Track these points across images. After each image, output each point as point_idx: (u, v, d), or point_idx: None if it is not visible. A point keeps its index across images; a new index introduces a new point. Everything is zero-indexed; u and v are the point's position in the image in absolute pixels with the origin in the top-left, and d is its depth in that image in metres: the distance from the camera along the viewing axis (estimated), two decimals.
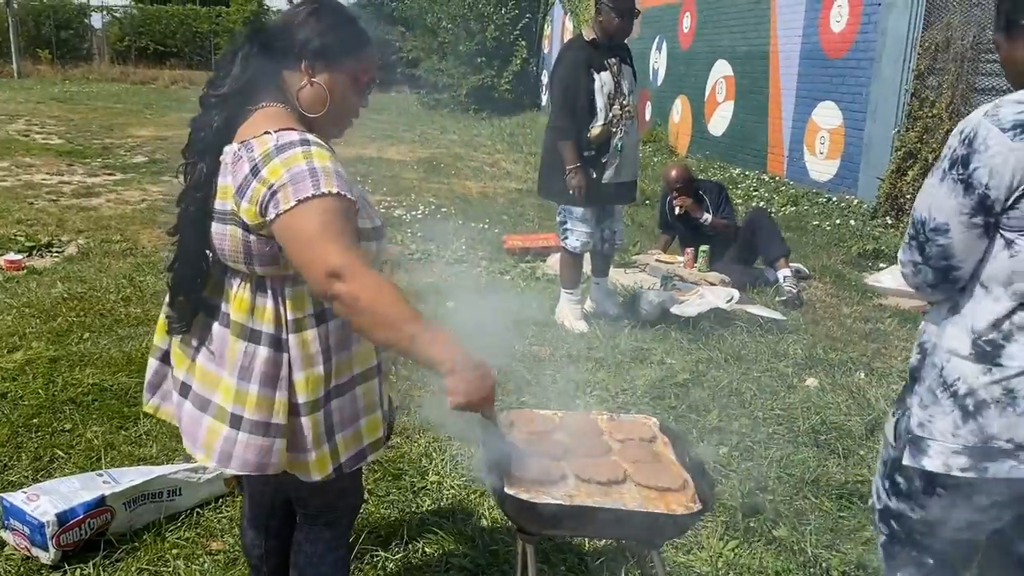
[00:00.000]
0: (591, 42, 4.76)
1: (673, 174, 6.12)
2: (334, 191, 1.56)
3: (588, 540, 2.73)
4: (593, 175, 4.76)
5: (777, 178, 10.58)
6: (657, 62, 14.56)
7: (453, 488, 3.09)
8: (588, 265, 5.27)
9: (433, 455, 3.31)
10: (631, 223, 7.56)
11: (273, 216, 1.56)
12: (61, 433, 3.38)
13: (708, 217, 6.04)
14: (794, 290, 5.64)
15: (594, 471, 1.88)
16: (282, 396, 1.71)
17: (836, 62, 9.39)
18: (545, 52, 21.09)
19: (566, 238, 4.97)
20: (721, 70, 12.27)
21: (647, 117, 14.70)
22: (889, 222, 7.98)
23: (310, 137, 1.64)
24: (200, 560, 2.63)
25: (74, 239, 6.65)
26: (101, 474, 2.85)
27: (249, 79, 1.72)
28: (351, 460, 1.80)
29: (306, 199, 1.54)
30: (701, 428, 3.62)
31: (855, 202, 8.83)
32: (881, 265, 6.72)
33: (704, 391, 4.02)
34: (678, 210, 6.13)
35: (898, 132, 8.09)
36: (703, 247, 5.99)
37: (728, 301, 4.94)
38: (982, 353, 1.54)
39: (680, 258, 6.12)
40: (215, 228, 1.70)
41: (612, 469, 1.90)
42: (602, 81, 4.70)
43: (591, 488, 1.84)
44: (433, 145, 14.09)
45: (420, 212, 8.24)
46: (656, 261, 6.18)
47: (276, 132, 1.63)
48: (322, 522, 1.99)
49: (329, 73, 1.75)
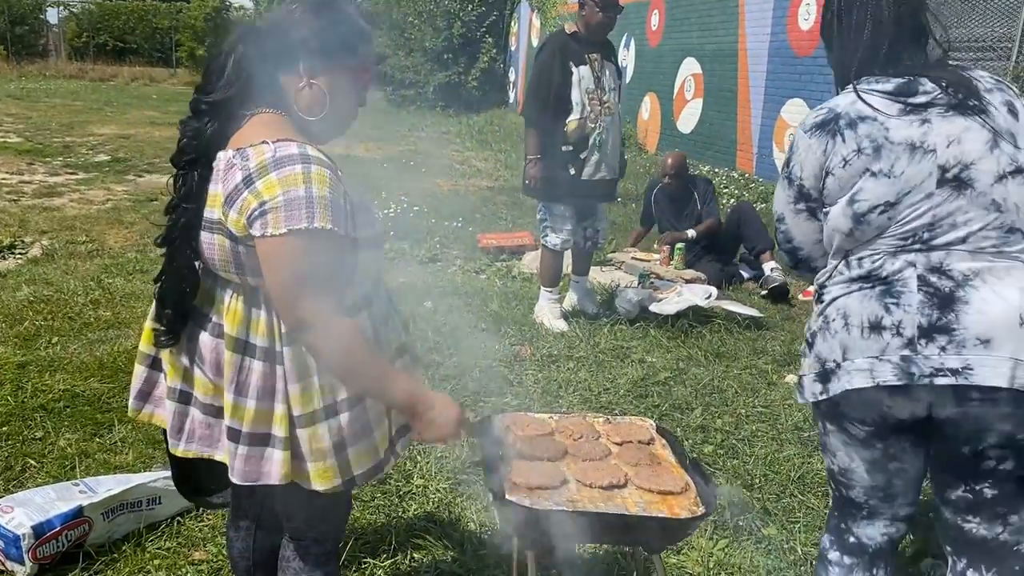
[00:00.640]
0: (573, 35, 4.74)
1: (670, 160, 6.17)
2: (327, 227, 1.53)
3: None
4: (571, 171, 4.73)
5: (747, 175, 10.65)
6: (625, 59, 14.59)
7: (439, 492, 3.05)
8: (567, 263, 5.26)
9: (417, 458, 3.27)
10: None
11: (260, 234, 1.53)
12: (32, 441, 3.27)
13: (692, 233, 6.08)
14: (781, 279, 5.68)
15: (595, 475, 1.86)
16: (281, 408, 1.67)
17: (805, 60, 9.47)
18: (512, 49, 21.05)
19: (546, 236, 4.93)
20: (690, 68, 12.33)
21: None
22: None
23: (311, 153, 1.58)
24: (182, 570, 2.56)
25: (38, 240, 6.49)
26: (77, 483, 2.76)
27: (243, 83, 1.66)
28: (366, 475, 1.75)
29: (297, 231, 1.51)
30: (685, 427, 3.61)
31: None
32: None
33: (686, 389, 4.02)
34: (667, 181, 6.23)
35: None
36: (679, 245, 6.00)
37: (707, 298, 4.95)
38: (817, 299, 1.85)
39: (656, 256, 6.13)
40: (204, 237, 1.65)
41: (613, 473, 1.87)
42: (580, 75, 4.67)
43: (593, 493, 1.82)
44: (402, 142, 13.97)
45: (392, 210, 8.15)
46: (632, 259, 6.18)
47: (274, 143, 1.57)
48: (310, 537, 1.93)
49: (328, 73, 1.69)
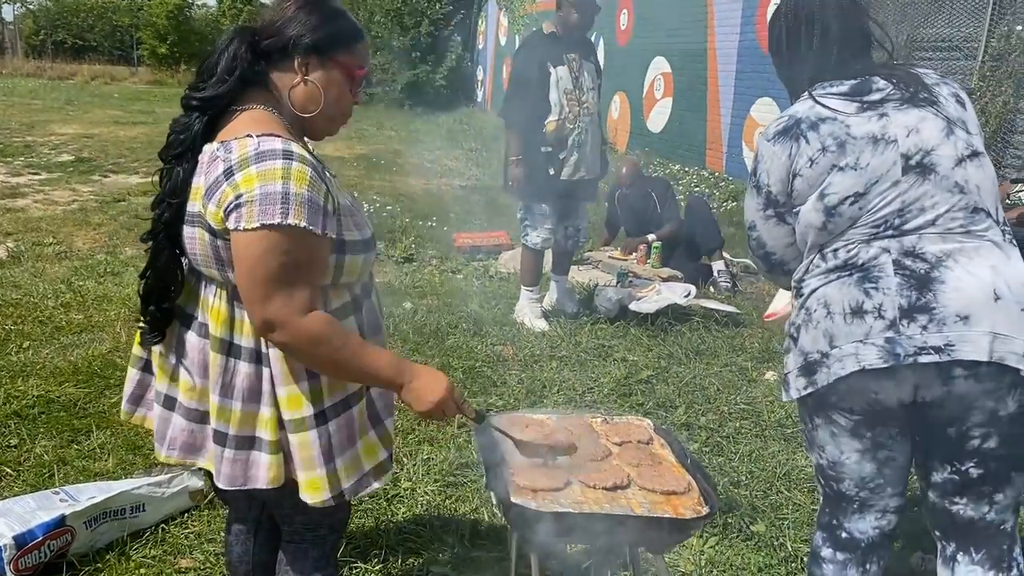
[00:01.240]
0: (551, 35, 4.73)
1: (624, 169, 6.18)
2: (301, 224, 1.50)
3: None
4: (551, 171, 4.73)
5: (716, 174, 10.73)
6: None
7: (427, 494, 3.02)
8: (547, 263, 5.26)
9: (404, 460, 3.24)
10: None
11: (233, 227, 1.51)
12: (8, 449, 3.19)
13: (652, 237, 6.10)
14: (728, 283, 5.73)
15: (599, 477, 1.85)
16: (267, 411, 1.64)
17: None
18: (480, 48, 21.03)
19: (527, 235, 4.92)
20: (659, 67, 12.39)
21: None
22: None
23: (294, 149, 1.55)
24: None
25: (2, 242, 6.34)
26: (58, 492, 2.69)
27: (235, 80, 1.63)
28: (354, 487, 1.72)
29: (269, 226, 1.48)
30: (670, 425, 3.62)
31: None
32: None
33: (669, 387, 4.03)
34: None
35: None
36: (655, 244, 6.02)
37: (685, 296, 4.98)
38: (796, 293, 1.88)
39: (633, 254, 6.15)
40: (186, 231, 1.63)
41: (616, 474, 1.87)
42: (558, 75, 4.66)
43: (597, 494, 1.81)
44: (371, 141, 13.90)
45: (365, 210, 8.09)
46: (609, 258, 6.20)
47: (259, 136, 1.55)
48: (309, 539, 1.91)
49: (323, 70, 1.68)
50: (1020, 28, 6.34)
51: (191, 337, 1.69)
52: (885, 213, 1.74)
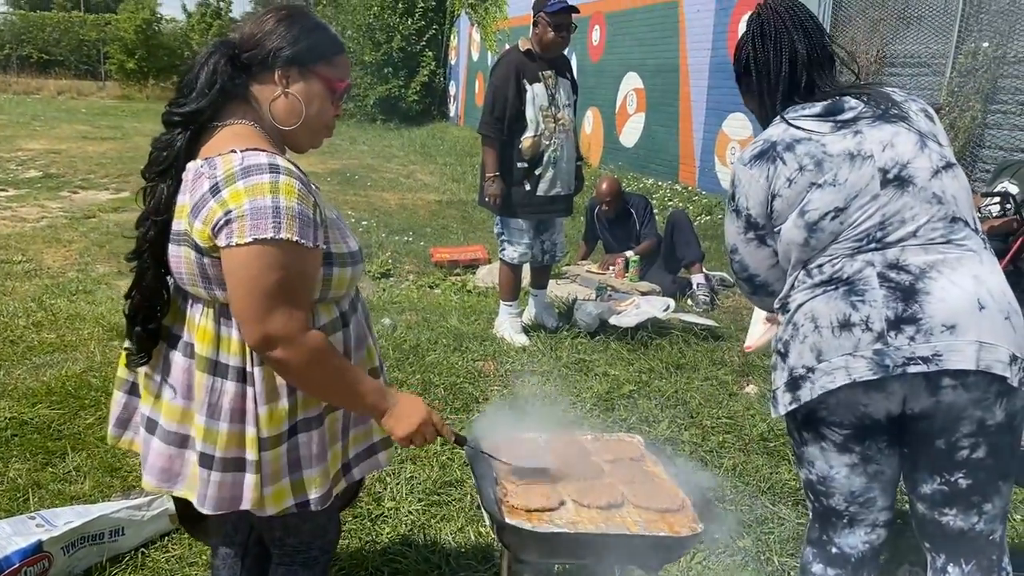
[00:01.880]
0: (527, 53, 4.75)
1: (604, 186, 6.20)
2: (293, 238, 1.49)
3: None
4: (527, 187, 4.75)
5: (689, 188, 10.82)
6: None
7: (412, 513, 2.99)
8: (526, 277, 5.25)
9: (387, 479, 3.20)
10: None
11: (224, 244, 1.49)
12: None
13: (630, 253, 6.12)
14: (707, 297, 5.76)
15: (593, 496, 1.84)
16: (252, 431, 1.62)
17: None
18: (452, 63, 21.07)
19: (504, 250, 4.93)
20: (631, 82, 12.48)
21: None
22: None
23: (280, 163, 1.54)
24: None
25: None
26: (33, 517, 2.63)
27: (215, 95, 1.62)
28: (321, 498, 1.70)
29: (262, 240, 1.47)
30: (654, 440, 3.61)
31: None
32: None
33: (651, 402, 4.04)
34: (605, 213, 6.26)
35: None
36: (633, 258, 6.04)
37: (664, 310, 4.99)
38: (782, 309, 1.88)
39: (611, 268, 6.16)
40: (171, 250, 1.61)
41: (610, 492, 1.86)
42: (534, 93, 4.69)
43: (592, 513, 1.80)
44: (344, 156, 13.83)
45: None
46: (587, 272, 6.20)
47: (243, 151, 1.54)
48: (299, 561, 1.88)
49: (304, 82, 1.67)
50: (986, 45, 6.47)
51: (177, 357, 1.66)
52: (867, 227, 1.76)
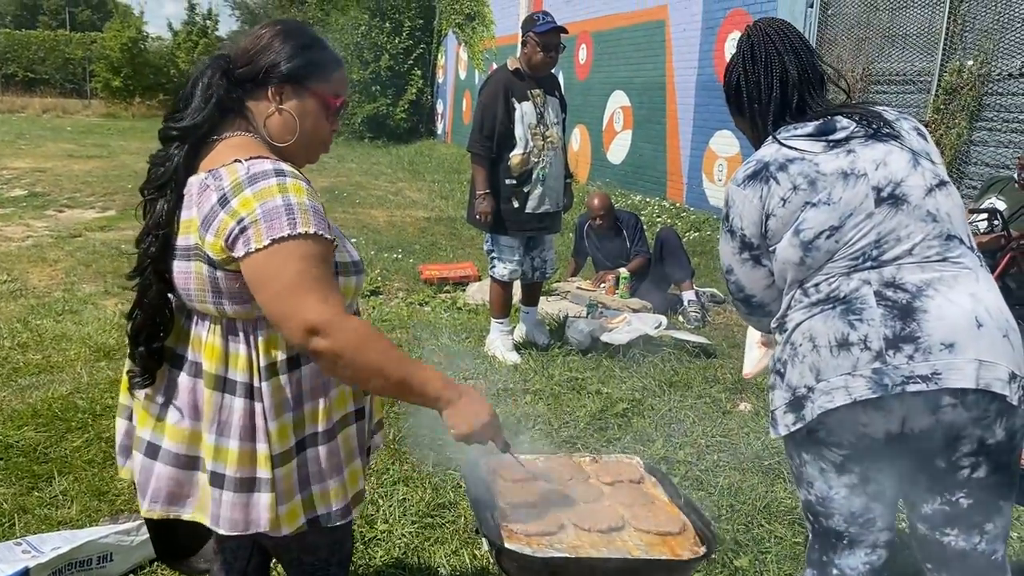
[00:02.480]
0: (515, 71, 4.76)
1: (596, 201, 6.22)
2: (311, 231, 1.47)
3: None
4: (516, 204, 4.75)
5: (677, 204, 10.85)
6: None
7: (405, 536, 2.95)
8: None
9: (379, 501, 3.16)
10: None
11: (243, 253, 1.46)
12: None
13: (622, 270, 6.13)
14: (698, 314, 5.76)
15: (593, 519, 1.81)
16: (263, 448, 1.58)
17: None
18: (440, 81, 21.13)
19: (494, 267, 4.92)
20: (619, 100, 12.55)
21: None
22: None
23: (285, 167, 1.53)
24: None
25: None
26: (20, 543, 2.58)
27: (212, 109, 1.60)
28: (338, 513, 1.67)
29: (281, 239, 1.45)
30: (649, 459, 3.58)
31: None
32: None
33: (645, 420, 4.01)
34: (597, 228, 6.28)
35: None
36: (624, 275, 6.04)
37: (656, 327, 4.98)
38: (779, 329, 1.88)
39: (602, 285, 6.15)
40: (178, 266, 1.57)
41: (611, 516, 1.83)
42: (523, 111, 4.70)
43: (593, 537, 1.77)
44: (332, 173, 13.80)
45: None
46: (578, 288, 6.19)
47: (247, 160, 1.52)
48: None
49: (298, 99, 1.65)
50: (971, 63, 6.53)
51: (181, 378, 1.62)
52: (862, 245, 1.75)
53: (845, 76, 7.50)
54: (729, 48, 9.75)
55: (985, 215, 5.19)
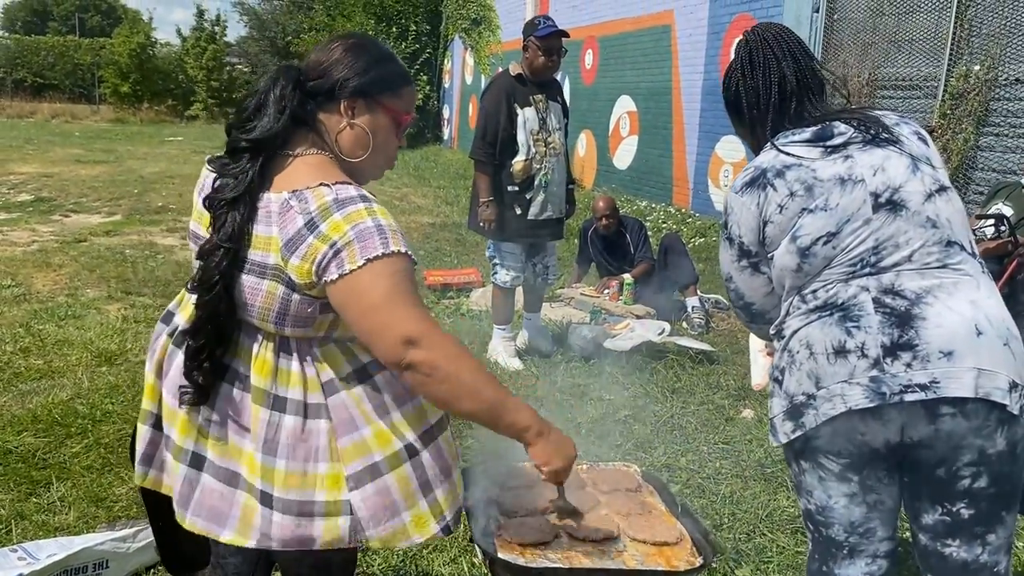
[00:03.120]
0: (517, 77, 4.75)
1: (601, 203, 6.21)
2: (402, 250, 1.47)
3: None
4: (518, 211, 4.73)
5: (683, 210, 10.82)
6: None
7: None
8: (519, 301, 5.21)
9: None
10: None
11: (335, 276, 1.44)
12: None
13: (628, 277, 6.11)
14: (702, 320, 5.73)
15: (587, 529, 1.79)
16: (320, 468, 1.55)
17: None
18: (446, 87, 21.16)
19: (495, 273, 4.90)
20: (625, 105, 12.53)
21: None
22: None
23: (367, 193, 1.52)
24: None
25: None
26: (15, 550, 2.57)
27: (286, 122, 1.57)
28: (456, 518, 1.69)
29: (375, 258, 1.44)
30: (650, 466, 3.57)
31: None
32: None
33: (647, 427, 3.99)
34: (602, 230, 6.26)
35: None
36: (628, 281, 6.01)
37: (659, 334, 4.95)
38: (778, 336, 1.86)
39: (606, 291, 6.13)
40: (247, 281, 1.53)
41: (606, 525, 1.81)
42: (525, 117, 4.69)
43: (587, 547, 1.75)
44: None
45: None
46: (581, 295, 6.17)
47: (334, 186, 1.50)
48: None
49: (370, 113, 1.63)
50: (978, 68, 6.49)
51: (226, 389, 1.60)
52: (860, 251, 1.73)
53: (851, 81, 7.45)
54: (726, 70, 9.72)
55: (992, 221, 5.14)
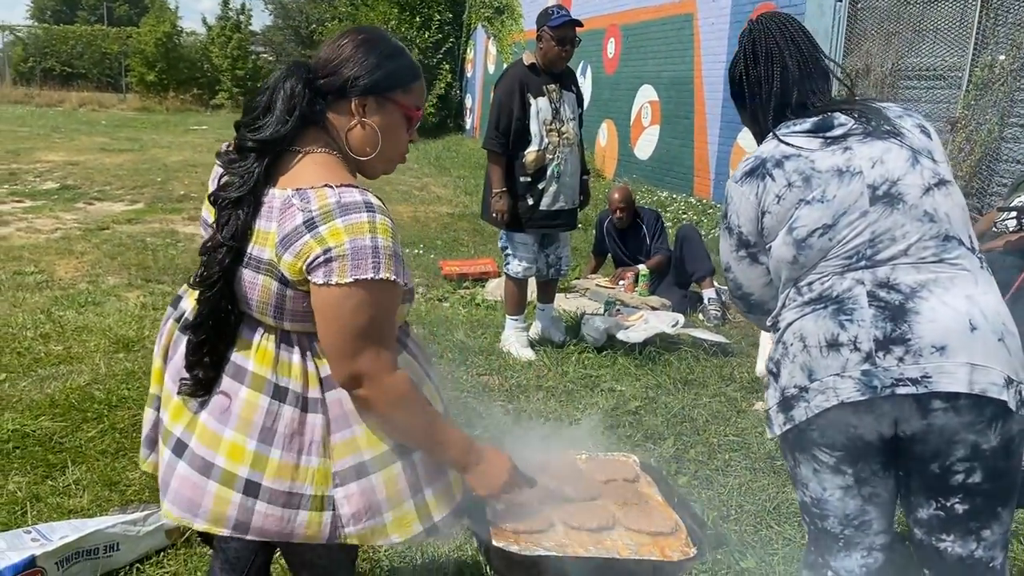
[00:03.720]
0: (531, 67, 4.74)
1: (616, 195, 6.19)
2: (391, 278, 1.48)
3: None
4: (530, 201, 4.72)
5: (704, 201, 10.75)
6: (582, 87, 14.70)
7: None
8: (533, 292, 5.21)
9: None
10: None
11: (321, 282, 1.46)
12: None
13: (642, 267, 6.09)
14: (718, 312, 5.70)
15: (583, 518, 1.80)
16: (312, 462, 1.57)
17: None
18: (468, 76, 21.14)
19: (509, 264, 4.90)
20: (647, 95, 12.46)
21: None
22: None
23: (373, 200, 1.51)
24: None
25: None
26: (29, 531, 2.62)
27: (295, 122, 1.57)
28: (447, 520, 1.68)
29: (362, 280, 1.45)
30: (659, 457, 3.57)
31: None
32: None
33: (657, 418, 3.98)
34: (617, 222, 6.24)
35: None
36: (643, 272, 6.00)
37: (673, 326, 4.94)
38: (773, 328, 1.86)
39: (622, 282, 6.11)
40: (246, 275, 1.55)
41: (601, 515, 1.81)
42: (538, 107, 4.67)
43: (582, 536, 1.75)
44: None
45: None
46: (597, 286, 6.16)
47: (337, 188, 1.50)
48: None
49: (380, 111, 1.63)
50: (1003, 58, 6.38)
51: (226, 381, 1.60)
52: (856, 244, 1.73)
53: (874, 71, 7.34)
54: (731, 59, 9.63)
55: (1015, 213, 5.07)
